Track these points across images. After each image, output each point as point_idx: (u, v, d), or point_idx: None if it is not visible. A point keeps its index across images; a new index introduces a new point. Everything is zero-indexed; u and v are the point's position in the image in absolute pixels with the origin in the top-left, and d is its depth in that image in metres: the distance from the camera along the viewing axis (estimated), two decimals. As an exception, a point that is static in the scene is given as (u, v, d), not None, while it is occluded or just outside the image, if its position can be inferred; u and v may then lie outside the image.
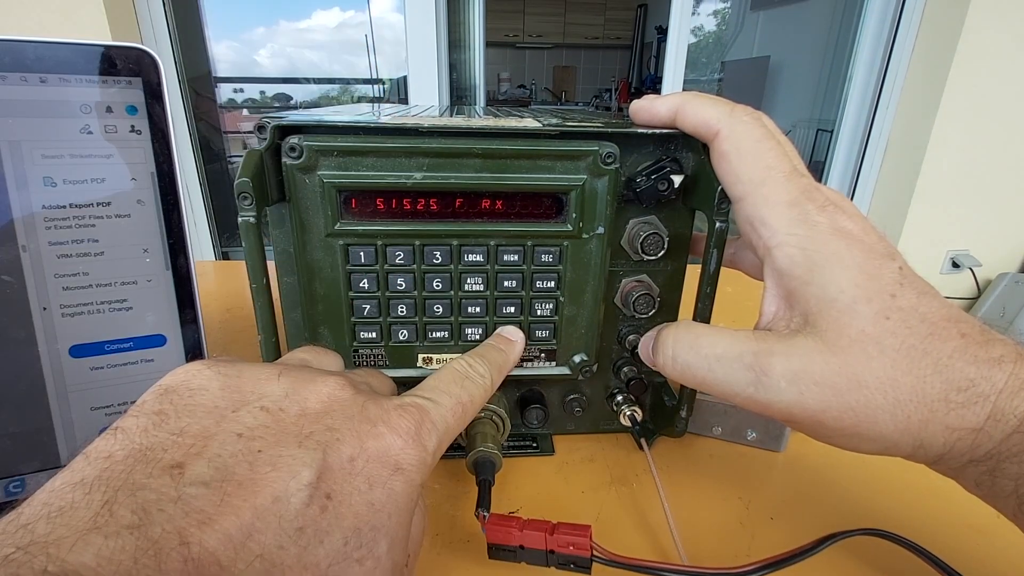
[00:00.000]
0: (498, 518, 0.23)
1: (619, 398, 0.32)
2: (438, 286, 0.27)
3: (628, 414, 0.31)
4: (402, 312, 0.28)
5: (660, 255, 0.27)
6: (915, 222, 1.67)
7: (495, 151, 0.25)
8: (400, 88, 1.84)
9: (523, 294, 0.28)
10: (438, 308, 0.28)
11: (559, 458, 0.32)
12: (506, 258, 0.27)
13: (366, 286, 0.27)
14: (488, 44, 2.03)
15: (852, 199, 0.72)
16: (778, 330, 0.21)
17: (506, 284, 0.28)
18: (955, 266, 1.73)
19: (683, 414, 0.29)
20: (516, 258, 0.27)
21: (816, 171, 1.96)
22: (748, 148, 0.22)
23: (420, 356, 0.29)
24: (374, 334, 0.28)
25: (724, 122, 0.23)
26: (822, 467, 0.32)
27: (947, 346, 0.18)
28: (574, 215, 0.26)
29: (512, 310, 0.28)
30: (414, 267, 0.27)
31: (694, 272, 0.27)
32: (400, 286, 0.27)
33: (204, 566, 0.13)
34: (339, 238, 0.26)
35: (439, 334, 0.28)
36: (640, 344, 0.26)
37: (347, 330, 0.28)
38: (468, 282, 0.27)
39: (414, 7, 1.52)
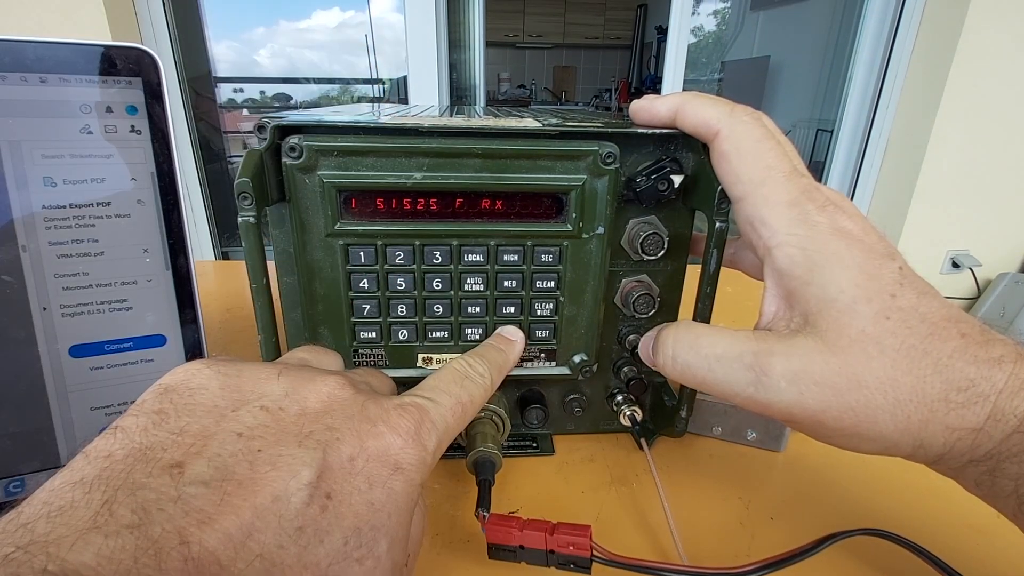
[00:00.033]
0: (498, 518, 0.23)
1: (619, 398, 0.32)
2: (438, 286, 0.27)
3: (628, 414, 0.31)
4: (402, 312, 0.28)
5: (660, 255, 0.27)
6: (915, 222, 1.68)
7: (495, 151, 0.25)
8: (400, 88, 1.84)
9: (523, 294, 0.28)
10: (438, 308, 0.28)
11: (559, 458, 0.32)
12: (506, 258, 0.27)
13: (366, 286, 0.27)
14: (488, 44, 2.03)
15: (852, 199, 0.71)
16: (778, 330, 0.21)
17: (506, 284, 0.28)
18: (955, 266, 1.73)
19: (683, 414, 0.29)
20: (516, 258, 0.27)
21: (816, 171, 1.96)
22: (748, 148, 0.22)
23: (420, 356, 0.29)
24: (374, 334, 0.28)
25: (724, 122, 0.23)
26: (822, 467, 0.32)
27: (947, 346, 0.18)
28: (574, 215, 0.26)
29: (512, 310, 0.28)
30: (414, 267, 0.27)
31: (694, 272, 0.27)
32: (400, 286, 0.27)
33: (204, 565, 0.13)
34: (339, 238, 0.26)
35: (439, 334, 0.28)
36: (640, 344, 0.26)
37: (347, 330, 0.28)
38: (468, 282, 0.27)
39: (414, 7, 1.52)
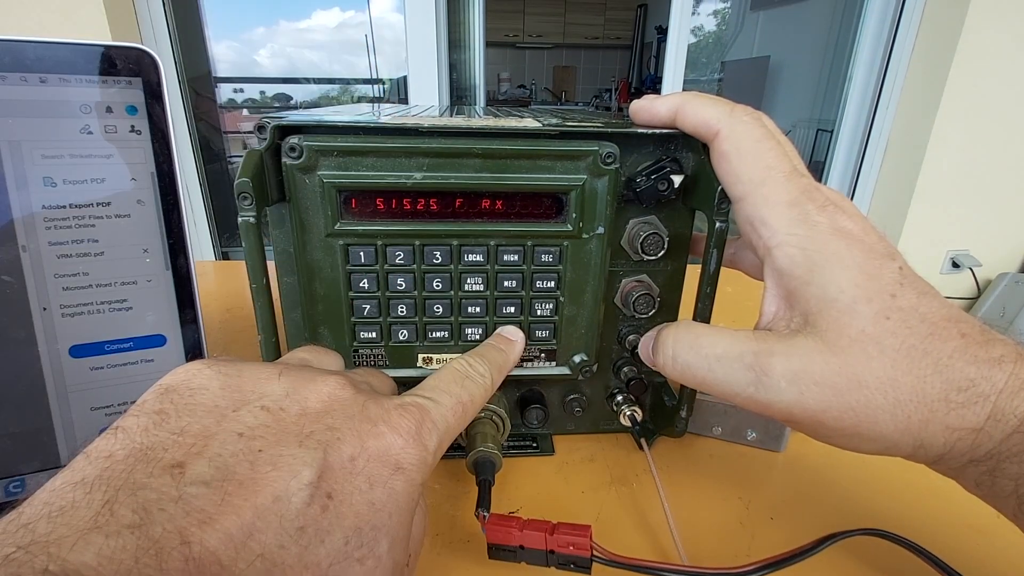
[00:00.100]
0: (498, 518, 0.23)
1: (619, 398, 0.32)
2: (438, 286, 0.27)
3: (628, 414, 0.31)
4: (402, 312, 0.28)
5: (660, 255, 0.27)
6: (915, 222, 1.68)
7: (495, 151, 0.25)
8: (400, 88, 1.84)
9: (523, 294, 0.28)
10: (438, 308, 0.28)
11: (559, 458, 0.32)
12: (506, 258, 0.27)
13: (366, 286, 0.27)
14: (488, 44, 2.03)
15: (852, 199, 0.71)
16: (778, 330, 0.21)
17: (506, 284, 0.28)
18: (955, 266, 1.73)
19: (683, 414, 0.29)
20: (516, 258, 0.27)
21: (816, 171, 1.96)
22: (748, 148, 0.22)
23: (420, 356, 0.29)
24: (374, 334, 0.28)
25: (724, 122, 0.23)
26: (822, 467, 0.32)
27: (947, 346, 0.18)
28: (574, 215, 0.26)
29: (512, 310, 0.28)
30: (414, 267, 0.27)
31: (694, 272, 0.27)
32: (400, 286, 0.27)
33: (205, 565, 0.13)
34: (339, 238, 0.26)
35: (439, 334, 0.28)
36: (640, 344, 0.26)
37: (347, 330, 0.28)
38: (468, 282, 0.27)
39: (414, 7, 1.52)
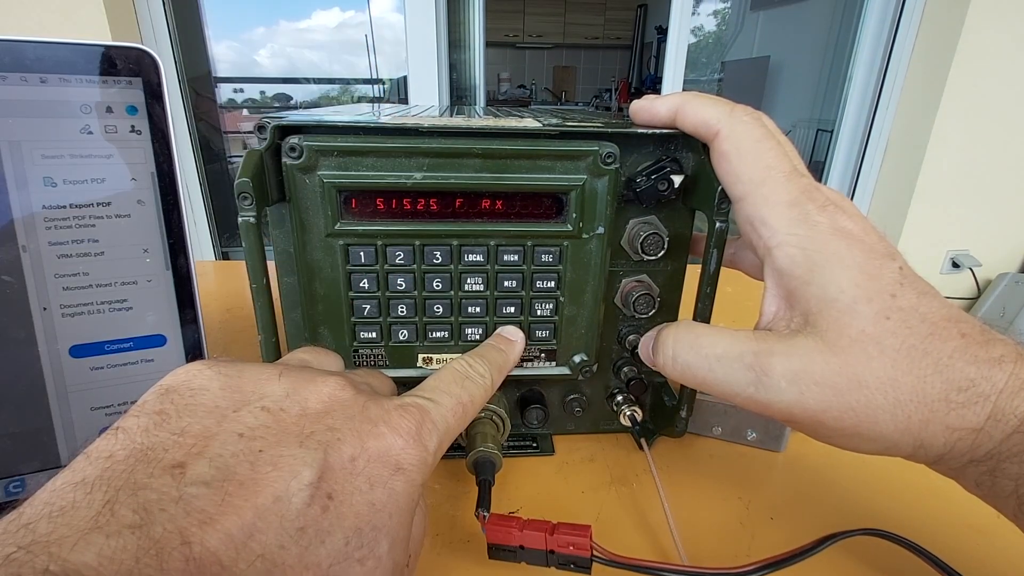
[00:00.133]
0: (498, 518, 0.23)
1: (619, 398, 0.32)
2: (438, 286, 0.27)
3: (628, 414, 0.31)
4: (402, 312, 0.28)
5: (660, 255, 0.27)
6: (915, 222, 1.68)
7: (495, 151, 0.25)
8: (400, 88, 1.84)
9: (523, 294, 0.28)
10: (438, 308, 0.28)
11: (559, 458, 0.32)
12: (506, 258, 0.27)
13: (366, 286, 0.27)
14: (488, 44, 2.03)
15: (852, 199, 0.71)
16: (778, 330, 0.21)
17: (506, 284, 0.28)
18: (955, 266, 1.73)
19: (683, 414, 0.29)
20: (516, 258, 0.27)
21: (816, 171, 1.96)
22: (748, 148, 0.22)
23: (420, 356, 0.29)
24: (374, 334, 0.28)
25: (724, 122, 0.23)
26: (822, 467, 0.32)
27: (947, 346, 0.18)
28: (574, 215, 0.26)
29: (512, 310, 0.28)
30: (414, 267, 0.27)
31: (694, 272, 0.27)
32: (400, 286, 0.27)
33: (205, 566, 0.13)
34: (339, 238, 0.26)
35: (439, 334, 0.28)
36: (640, 344, 0.26)
37: (347, 330, 0.28)
38: (468, 282, 0.27)
39: (414, 7, 1.52)
